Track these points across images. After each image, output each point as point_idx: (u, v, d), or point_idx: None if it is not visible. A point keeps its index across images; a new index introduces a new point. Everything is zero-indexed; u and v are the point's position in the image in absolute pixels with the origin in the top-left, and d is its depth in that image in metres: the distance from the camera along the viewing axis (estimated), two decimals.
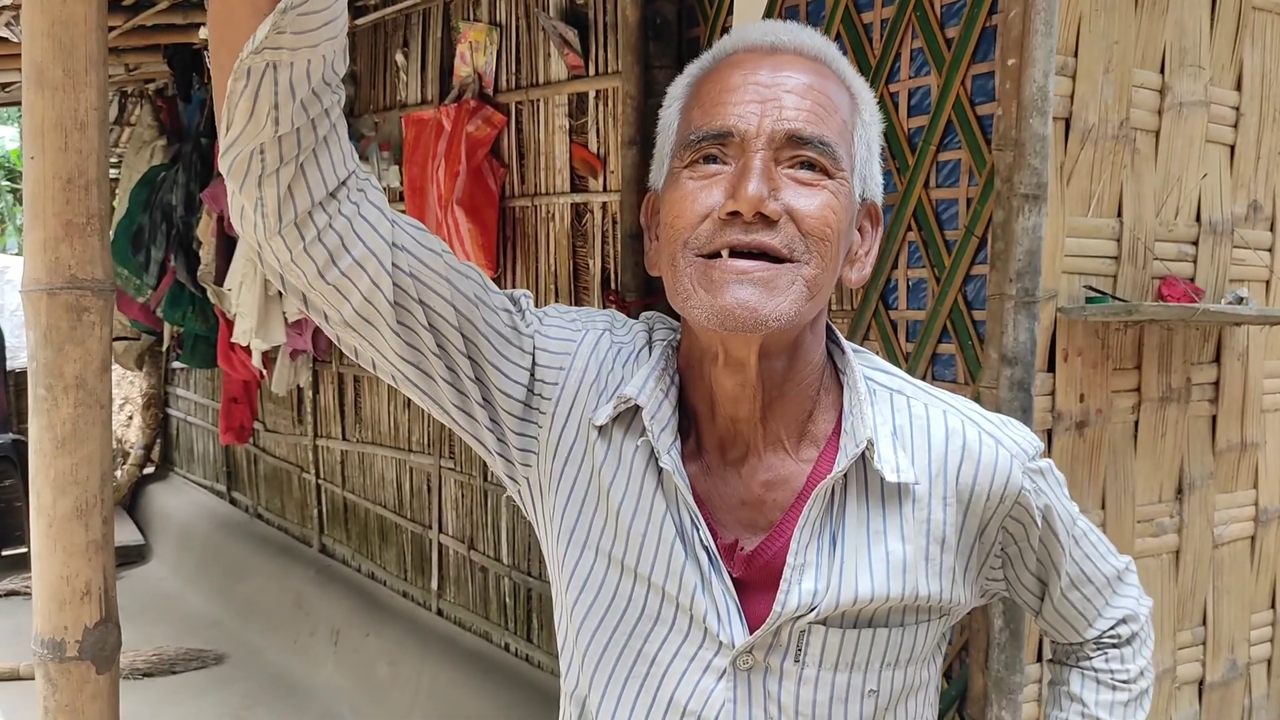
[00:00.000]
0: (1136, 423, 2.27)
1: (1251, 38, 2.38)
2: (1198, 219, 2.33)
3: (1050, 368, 2.10)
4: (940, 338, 2.29)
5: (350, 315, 0.96)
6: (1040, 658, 2.16)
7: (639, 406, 1.01)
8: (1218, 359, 2.41)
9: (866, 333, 2.44)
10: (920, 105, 2.32)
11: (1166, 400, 2.31)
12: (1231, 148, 2.38)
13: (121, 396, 8.07)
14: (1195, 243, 2.32)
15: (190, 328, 5.32)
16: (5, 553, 6.42)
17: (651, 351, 1.06)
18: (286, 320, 4.52)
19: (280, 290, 0.98)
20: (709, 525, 1.01)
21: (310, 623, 4.92)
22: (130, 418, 8.00)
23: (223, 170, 0.90)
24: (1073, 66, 2.07)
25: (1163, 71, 2.23)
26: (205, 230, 4.92)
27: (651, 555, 1.01)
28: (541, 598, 3.78)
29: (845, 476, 1.00)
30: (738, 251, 0.93)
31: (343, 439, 5.02)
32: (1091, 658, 1.19)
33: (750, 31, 1.01)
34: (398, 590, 4.67)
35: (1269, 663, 2.64)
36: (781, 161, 0.94)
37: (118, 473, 7.42)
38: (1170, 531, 2.36)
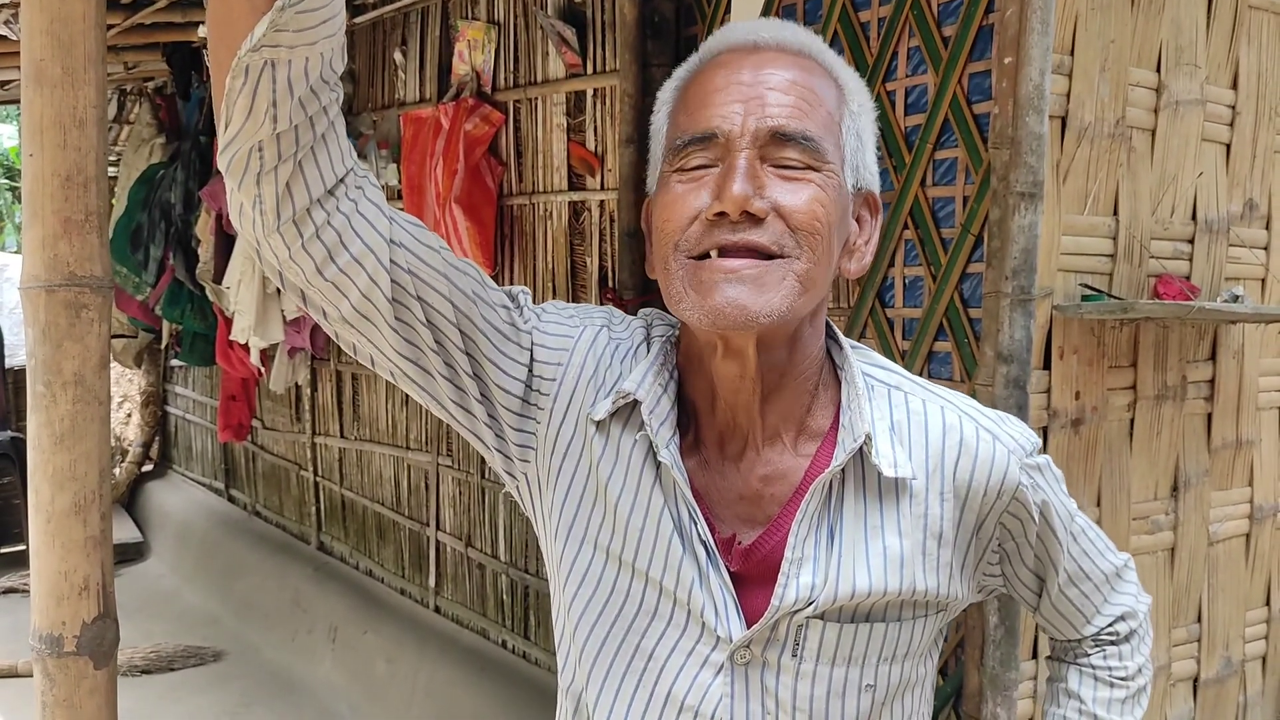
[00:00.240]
0: (1132, 420, 2.27)
1: (1248, 36, 2.38)
2: (1193, 217, 2.33)
3: (1046, 365, 2.11)
4: (936, 335, 2.29)
5: (348, 312, 0.96)
6: (1035, 654, 2.16)
7: (637, 401, 1.01)
8: (1213, 357, 2.42)
9: (863, 330, 2.44)
10: (917, 103, 2.33)
11: (1162, 398, 2.31)
12: (1227, 146, 2.38)
13: (120, 394, 8.07)
14: (1191, 241, 2.33)
15: (189, 325, 5.32)
16: (4, 550, 6.43)
17: (650, 347, 1.06)
18: (285, 318, 4.52)
19: (279, 287, 0.99)
20: (707, 520, 1.01)
21: (308, 620, 4.92)
22: (129, 415, 8.00)
23: (221, 167, 0.91)
24: (1069, 65, 2.08)
25: (1159, 70, 2.23)
26: (204, 228, 4.92)
27: (649, 550, 1.01)
28: (539, 595, 3.79)
29: (843, 471, 1.00)
30: (727, 251, 0.93)
31: (341, 436, 5.03)
32: (1089, 654, 1.20)
33: (733, 31, 1.01)
34: (395, 588, 4.68)
35: (1264, 659, 2.65)
36: (767, 159, 0.95)
37: (116, 470, 7.43)
38: (1165, 529, 2.37)
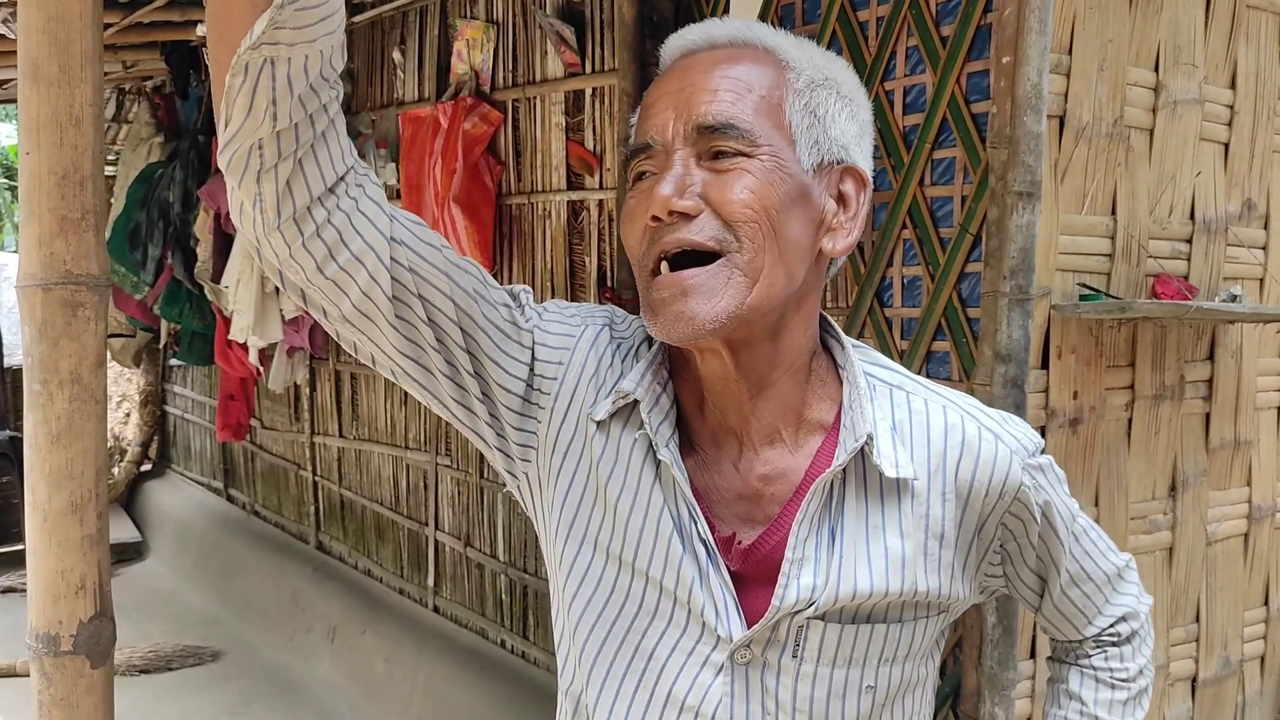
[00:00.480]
0: (1130, 420, 2.27)
1: (1246, 36, 2.38)
2: (1191, 217, 2.33)
3: (1044, 365, 2.11)
4: (935, 335, 2.29)
5: (349, 310, 0.96)
6: (1033, 654, 2.16)
7: (637, 401, 1.01)
8: (1211, 357, 2.42)
9: (861, 330, 2.44)
10: (915, 103, 2.33)
11: (1160, 398, 2.31)
12: (1226, 146, 2.38)
13: (119, 394, 8.07)
14: (1189, 240, 2.33)
15: (187, 325, 5.32)
16: (3, 549, 6.42)
17: (651, 346, 1.06)
18: (283, 317, 4.52)
19: (279, 286, 0.98)
20: (707, 519, 1.00)
21: (307, 620, 4.92)
22: (128, 415, 7.99)
23: (221, 166, 0.90)
24: (1067, 64, 2.08)
25: (1157, 69, 2.23)
26: (202, 227, 4.92)
27: (649, 549, 1.00)
28: (538, 594, 3.79)
29: (844, 471, 1.00)
30: (677, 261, 0.94)
31: (340, 436, 5.02)
32: (1091, 655, 1.19)
33: (671, 41, 1.03)
34: (394, 587, 4.68)
35: (1262, 659, 2.65)
36: (702, 155, 0.96)
37: (115, 470, 7.42)
38: (1164, 529, 2.37)
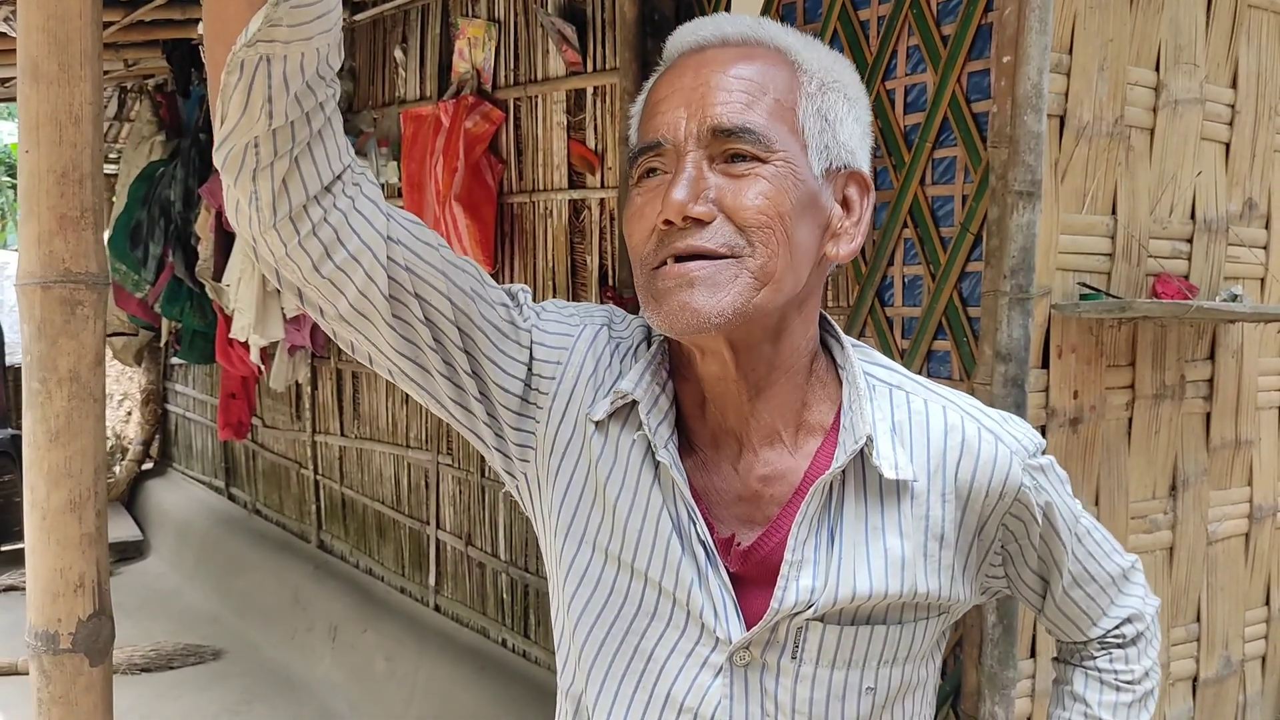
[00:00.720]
0: (1130, 419, 2.27)
1: (1247, 35, 2.38)
2: (1192, 216, 2.33)
3: (1044, 364, 2.11)
4: (935, 334, 2.29)
5: (345, 309, 0.95)
6: (1034, 653, 2.16)
7: (636, 401, 1.01)
8: (1212, 356, 2.42)
9: (862, 329, 2.44)
10: (916, 102, 2.32)
11: (1161, 397, 2.31)
12: (1227, 145, 2.38)
13: (120, 392, 8.07)
14: (1190, 240, 2.33)
15: (188, 323, 5.32)
16: (4, 548, 6.43)
17: (650, 346, 1.05)
18: (285, 316, 4.52)
19: (276, 285, 0.98)
20: (706, 520, 1.00)
21: (308, 618, 4.92)
22: (129, 414, 8.00)
23: (217, 164, 0.90)
24: (1067, 64, 2.07)
25: (1158, 69, 2.23)
26: (204, 226, 4.92)
27: (648, 550, 1.00)
28: (538, 594, 3.79)
29: (844, 472, 0.99)
30: (682, 256, 0.93)
31: (341, 435, 5.03)
32: (1095, 657, 1.18)
33: (680, 34, 1.01)
34: (395, 586, 4.68)
35: (1263, 659, 2.65)
36: (715, 158, 0.94)
37: (116, 468, 7.43)
38: (1164, 528, 2.36)
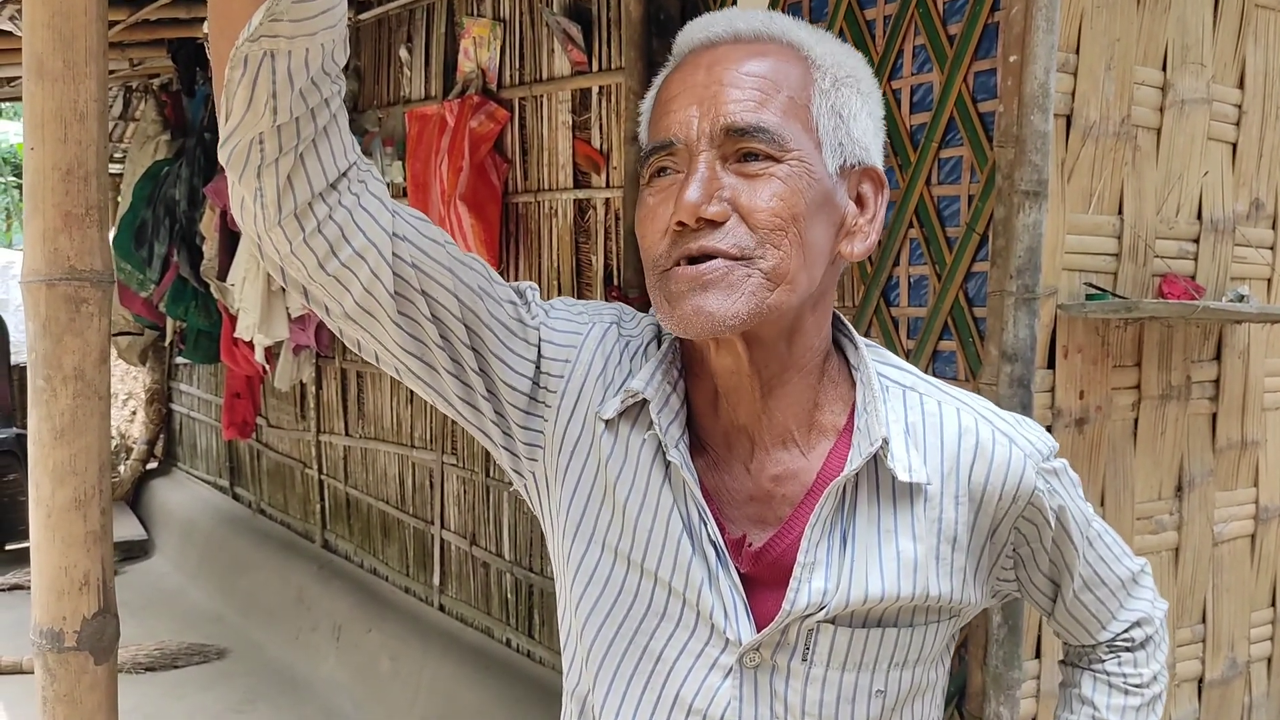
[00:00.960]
0: (1136, 420, 2.26)
1: (1254, 35, 2.37)
2: (1199, 217, 2.32)
3: (1050, 364, 2.10)
4: (941, 334, 2.29)
5: (351, 307, 0.95)
6: (1039, 653, 2.16)
7: (646, 400, 1.00)
8: (1218, 357, 2.41)
9: (868, 329, 2.44)
10: (922, 102, 2.32)
11: (1167, 398, 2.31)
12: (1233, 145, 2.37)
13: (125, 392, 8.09)
14: (1196, 240, 2.32)
15: (193, 323, 5.33)
16: (9, 547, 6.44)
17: (660, 345, 1.04)
18: (289, 315, 4.53)
19: (281, 283, 0.98)
20: (716, 520, 0.99)
21: (312, 618, 4.92)
22: (134, 413, 8.01)
23: (222, 160, 0.90)
24: (1074, 63, 2.07)
25: (1164, 69, 2.22)
26: (209, 225, 4.93)
27: (658, 550, 0.99)
28: (543, 593, 3.79)
29: (857, 474, 0.99)
30: (695, 258, 0.92)
31: (345, 434, 5.03)
32: (1104, 661, 1.18)
33: (691, 30, 1.00)
34: (400, 586, 4.68)
35: (1269, 661, 2.64)
36: (728, 157, 0.93)
37: (121, 468, 7.44)
38: (1170, 529, 2.36)
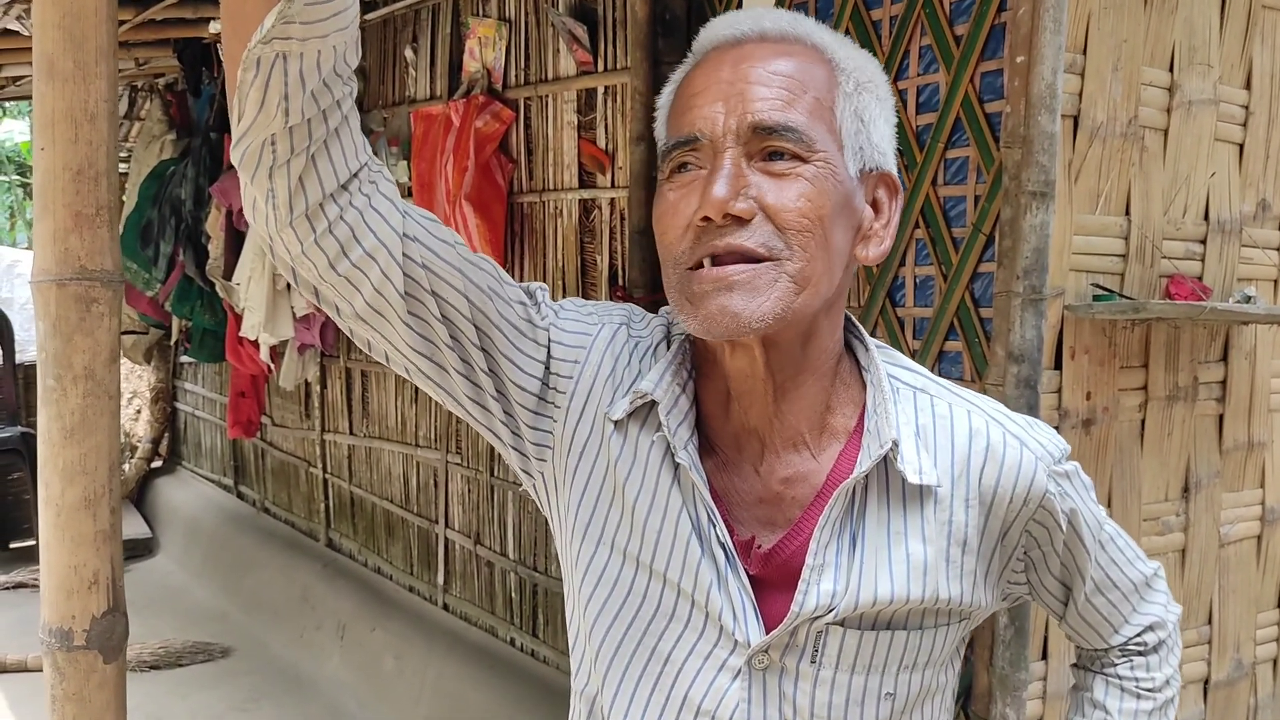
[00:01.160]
0: (1143, 421, 2.26)
1: (1261, 36, 2.37)
2: (1206, 217, 2.32)
3: (1057, 365, 2.10)
4: (947, 335, 2.29)
5: (361, 307, 0.95)
6: (1045, 655, 2.16)
7: (655, 402, 1.00)
8: (1225, 358, 2.41)
9: (874, 330, 2.44)
10: (929, 102, 2.32)
11: (1173, 399, 2.30)
12: (1240, 146, 2.37)
13: (130, 390, 8.10)
14: (1203, 241, 2.32)
15: (198, 322, 5.34)
16: (13, 545, 6.45)
17: (669, 346, 1.04)
18: (294, 315, 4.53)
19: (291, 283, 0.98)
20: (725, 522, 0.99)
21: (316, 617, 4.93)
22: (138, 412, 8.02)
23: (235, 161, 0.90)
24: (1081, 64, 2.07)
25: (1172, 70, 2.22)
26: (214, 224, 4.93)
27: (667, 551, 0.99)
28: (547, 593, 3.79)
29: (867, 476, 0.98)
30: (719, 258, 0.92)
31: (350, 434, 5.03)
32: (1116, 664, 1.17)
33: (716, 26, 0.99)
34: (404, 585, 4.68)
35: (1275, 662, 2.64)
36: (754, 156, 0.93)
37: (126, 466, 7.45)
38: (1176, 530, 2.36)
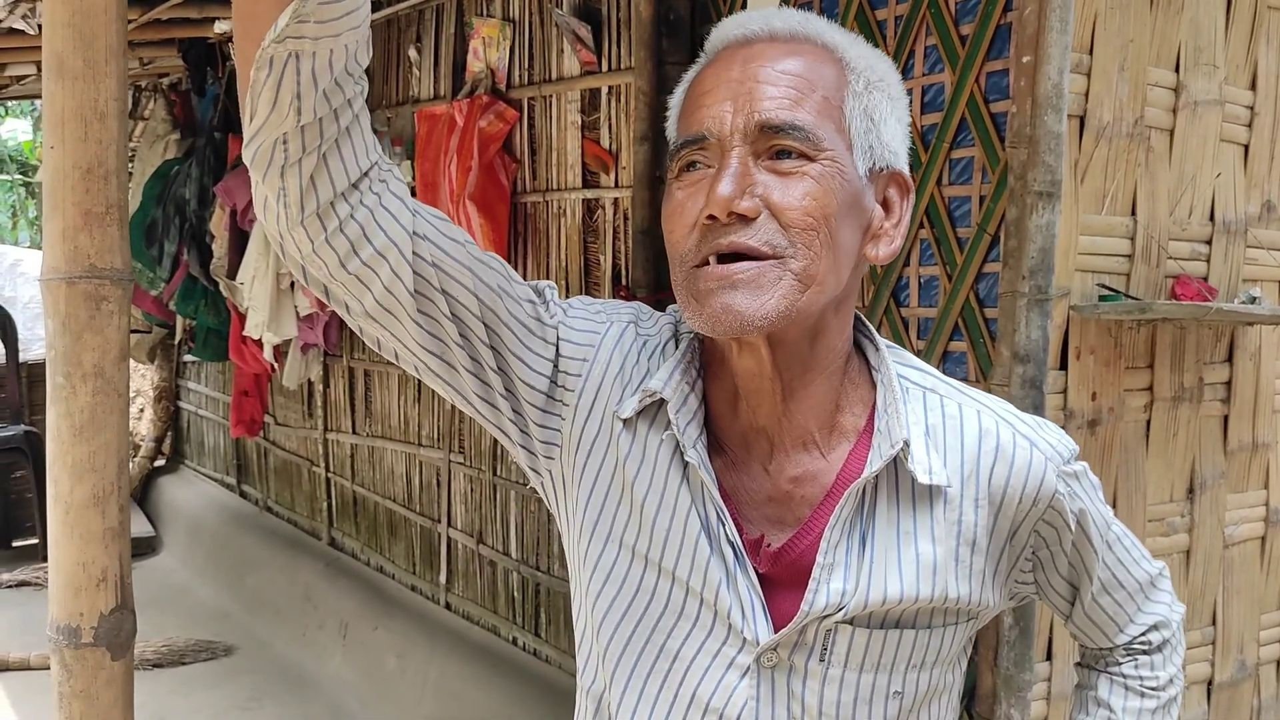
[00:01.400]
0: (1148, 422, 2.26)
1: (1266, 37, 2.37)
2: (1211, 218, 2.32)
3: (1063, 366, 2.10)
4: (952, 335, 2.29)
5: (371, 306, 0.95)
6: (1050, 655, 2.16)
7: (664, 400, 1.00)
8: (1230, 359, 2.41)
9: (878, 330, 2.43)
10: (934, 102, 2.32)
11: (1179, 399, 2.30)
12: (1246, 147, 2.37)
13: (133, 389, 8.09)
14: (1209, 242, 2.32)
15: (202, 321, 5.34)
16: (16, 544, 6.46)
17: (678, 344, 1.05)
18: (298, 314, 4.53)
19: (301, 282, 0.98)
20: (734, 520, 0.99)
21: (319, 615, 4.93)
22: (142, 410, 8.02)
23: (246, 160, 0.91)
24: (1087, 64, 2.07)
25: (1177, 70, 2.22)
26: (218, 224, 4.93)
27: (676, 549, 0.99)
28: (550, 592, 3.79)
29: (877, 476, 0.99)
30: (725, 257, 0.92)
31: (353, 433, 5.03)
32: (1121, 664, 1.18)
33: (727, 26, 1.00)
34: (406, 584, 4.69)
35: (1278, 663, 2.64)
36: (761, 154, 0.93)
37: (129, 464, 7.46)
38: (1181, 531, 2.36)
